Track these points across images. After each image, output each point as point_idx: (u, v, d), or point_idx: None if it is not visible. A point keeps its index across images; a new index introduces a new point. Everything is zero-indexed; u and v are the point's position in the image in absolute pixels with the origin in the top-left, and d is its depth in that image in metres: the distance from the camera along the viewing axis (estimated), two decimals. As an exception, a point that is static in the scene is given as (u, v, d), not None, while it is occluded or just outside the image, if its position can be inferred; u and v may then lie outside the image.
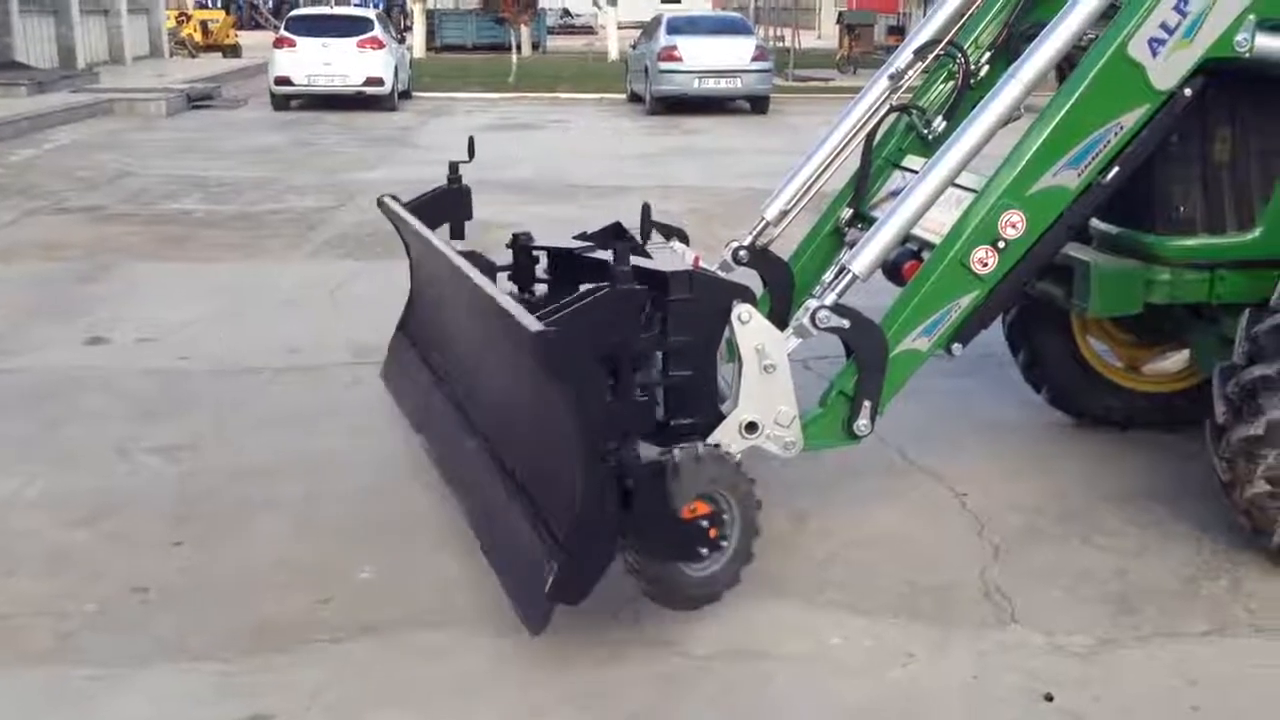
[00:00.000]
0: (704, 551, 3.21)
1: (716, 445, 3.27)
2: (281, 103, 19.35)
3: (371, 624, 3.40)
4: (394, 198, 4.71)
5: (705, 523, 3.19)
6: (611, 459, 3.04)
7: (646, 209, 4.02)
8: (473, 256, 4.01)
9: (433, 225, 4.52)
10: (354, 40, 19.30)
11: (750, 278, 4.22)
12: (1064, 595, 3.60)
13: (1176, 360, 4.91)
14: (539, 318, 2.99)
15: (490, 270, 4.14)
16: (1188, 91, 3.61)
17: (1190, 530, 3.99)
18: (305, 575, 3.69)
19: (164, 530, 4.01)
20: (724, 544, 3.26)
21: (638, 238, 4.23)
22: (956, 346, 3.70)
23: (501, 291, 3.40)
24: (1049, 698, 3.07)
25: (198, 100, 19.80)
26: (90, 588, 3.61)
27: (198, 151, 14.05)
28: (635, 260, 3.87)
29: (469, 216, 4.74)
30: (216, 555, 3.84)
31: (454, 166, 4.73)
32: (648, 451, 3.22)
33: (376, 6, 34.95)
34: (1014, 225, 3.58)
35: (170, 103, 18.54)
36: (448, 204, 4.71)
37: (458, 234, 4.65)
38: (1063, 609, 3.51)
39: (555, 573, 2.97)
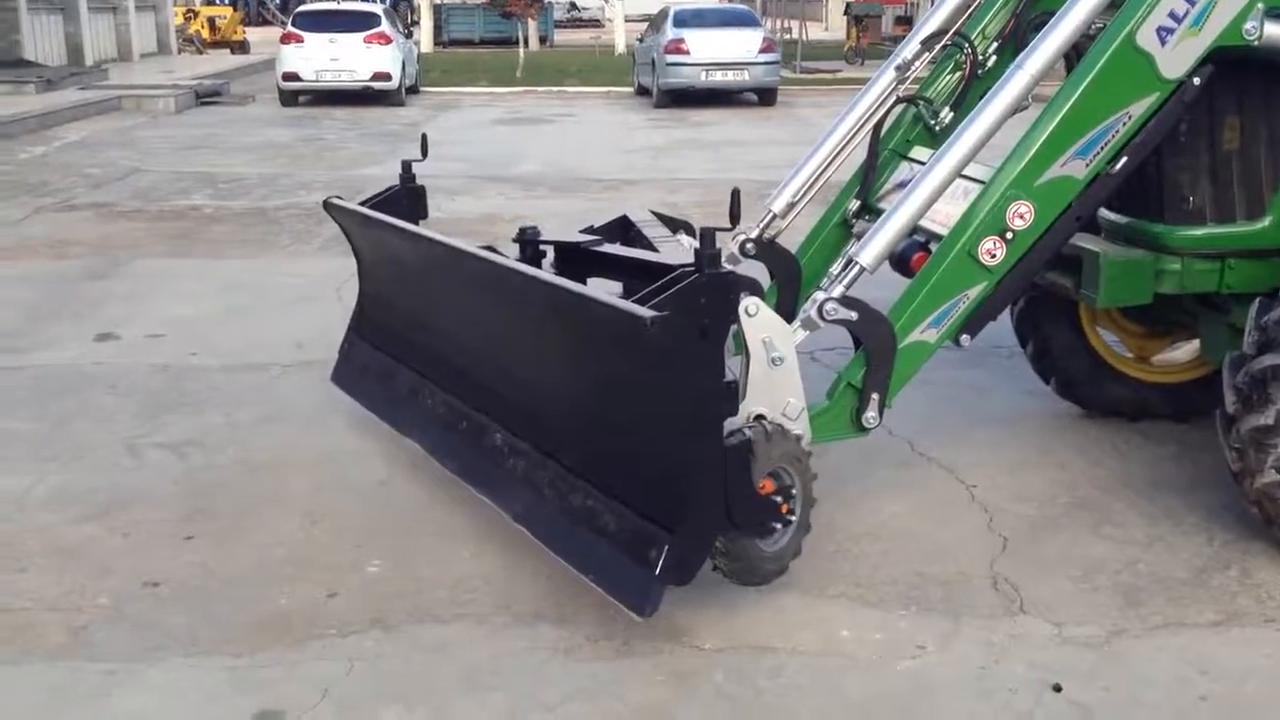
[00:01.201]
0: (778, 526, 3.27)
1: (774, 421, 3.29)
2: (289, 98, 19.37)
3: (380, 618, 3.41)
4: (339, 198, 4.65)
5: (778, 498, 3.25)
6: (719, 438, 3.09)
7: (736, 193, 3.97)
8: (489, 252, 3.99)
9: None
10: (361, 35, 19.31)
11: (757, 270, 4.23)
12: (1073, 586, 3.59)
13: (1186, 350, 4.89)
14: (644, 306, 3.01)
15: None
16: (1196, 80, 3.60)
17: (1200, 521, 3.98)
18: (314, 569, 3.70)
19: (174, 525, 4.02)
20: (792, 517, 3.32)
21: (643, 231, 4.23)
22: (965, 338, 3.69)
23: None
24: (1058, 688, 3.06)
25: (206, 97, 19.83)
26: (101, 583, 3.62)
27: (206, 148, 14.08)
28: (641, 253, 3.89)
29: (424, 215, 4.71)
30: (226, 550, 3.85)
31: (407, 165, 4.70)
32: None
33: (383, 2, 34.96)
34: (1022, 216, 3.57)
35: (178, 99, 18.58)
36: (402, 203, 4.63)
37: None
38: (1072, 600, 3.51)
39: (666, 553, 3.03)
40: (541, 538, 3.49)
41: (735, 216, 3.32)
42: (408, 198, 4.68)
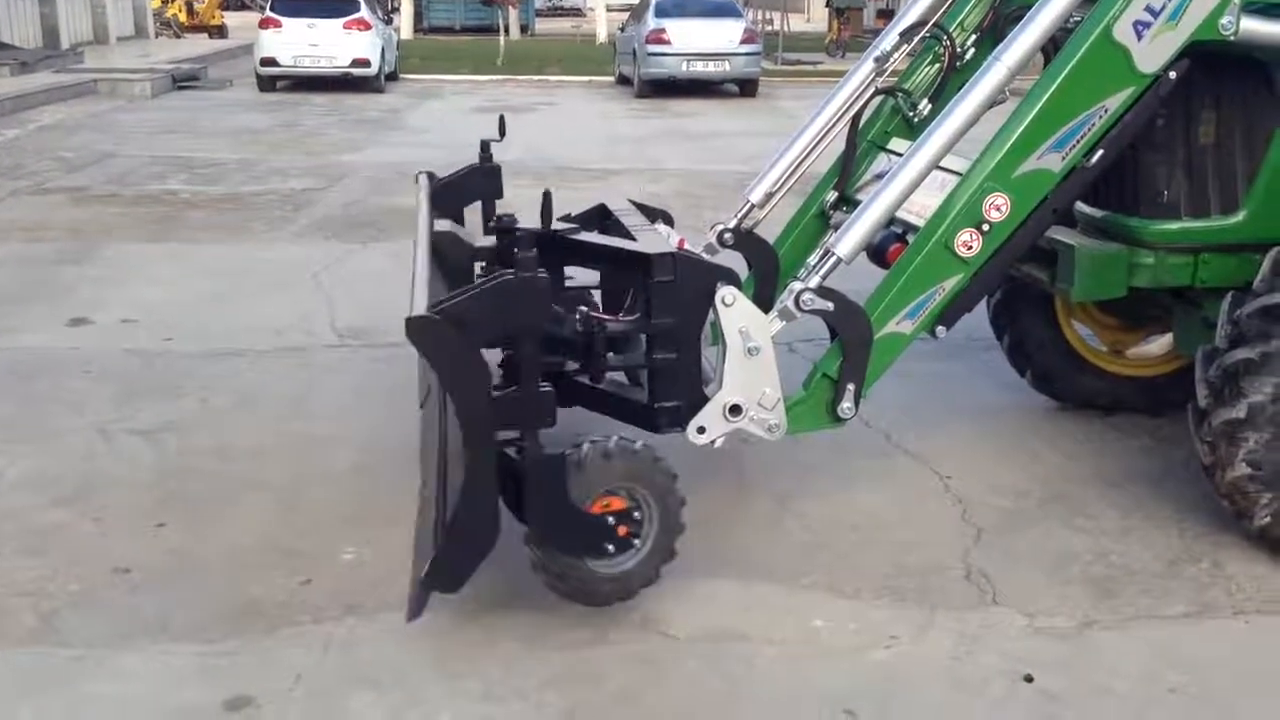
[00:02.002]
0: (610, 548, 3.18)
1: (631, 440, 3.21)
2: (267, 84, 19.24)
3: (355, 605, 3.40)
4: (430, 174, 4.68)
5: (612, 520, 3.16)
6: (500, 448, 3.00)
7: (547, 196, 3.92)
8: (450, 239, 3.97)
9: (463, 204, 4.49)
10: (340, 21, 19.18)
11: (735, 260, 4.22)
12: (1046, 577, 3.61)
13: (1160, 344, 4.93)
14: (439, 302, 2.95)
15: (469, 254, 4.11)
16: (1173, 74, 3.61)
17: (1172, 513, 4.01)
18: (288, 556, 3.68)
19: (147, 511, 4.00)
20: (636, 541, 3.22)
21: (622, 220, 4.22)
22: (941, 329, 3.70)
23: (426, 269, 3.33)
24: (1029, 679, 3.08)
25: (183, 81, 19.68)
26: (72, 568, 3.60)
27: (183, 132, 13.97)
28: (619, 242, 3.88)
29: (499, 195, 4.72)
30: (199, 536, 3.83)
31: (485, 145, 4.71)
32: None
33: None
34: (998, 208, 3.58)
35: (155, 83, 18.42)
36: (478, 183, 4.66)
37: (489, 214, 4.61)
38: (1044, 591, 3.53)
39: (432, 561, 2.93)
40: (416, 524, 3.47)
41: (547, 218, 3.19)
42: (484, 176, 4.68)
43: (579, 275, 4.10)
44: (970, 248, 3.59)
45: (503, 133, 4.69)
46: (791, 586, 3.55)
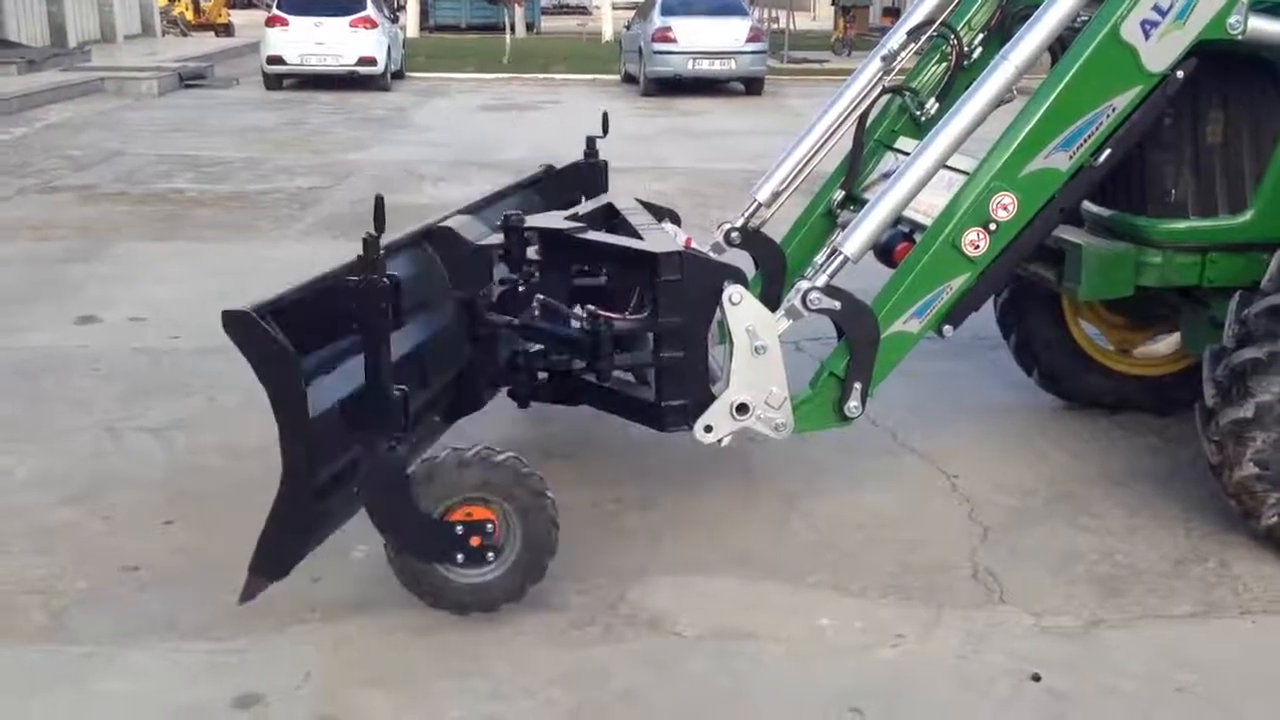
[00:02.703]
0: (459, 557, 3.17)
1: (498, 451, 3.20)
2: (274, 82, 19.26)
3: (363, 603, 3.41)
4: (550, 166, 4.81)
5: (461, 529, 3.15)
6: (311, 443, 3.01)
7: (379, 200, 3.89)
8: (447, 234, 3.94)
9: (570, 196, 4.63)
10: (347, 19, 19.19)
11: (742, 259, 4.22)
12: (1052, 577, 3.61)
13: (1167, 343, 4.92)
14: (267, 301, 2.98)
15: (468, 248, 4.09)
16: (1180, 74, 3.61)
17: (1179, 513, 4.01)
18: (296, 555, 3.69)
19: (155, 509, 4.01)
20: (490, 555, 3.19)
21: (628, 219, 4.22)
22: (948, 328, 3.71)
23: (327, 268, 3.33)
24: (1036, 678, 3.08)
25: (190, 79, 19.69)
26: (81, 566, 3.61)
27: (190, 131, 13.99)
28: (626, 241, 3.88)
29: (605, 189, 4.76)
30: (208, 534, 3.84)
31: (590, 142, 4.79)
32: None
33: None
34: (1005, 207, 3.58)
35: (162, 82, 18.45)
36: (584, 177, 4.84)
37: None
38: (1051, 590, 3.53)
39: (256, 549, 3.00)
40: None
41: (379, 225, 3.21)
42: (589, 172, 4.77)
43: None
44: (977, 247, 3.59)
45: (606, 130, 4.76)
46: (798, 585, 3.56)
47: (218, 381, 5.26)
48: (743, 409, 3.42)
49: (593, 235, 4.01)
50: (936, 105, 4.42)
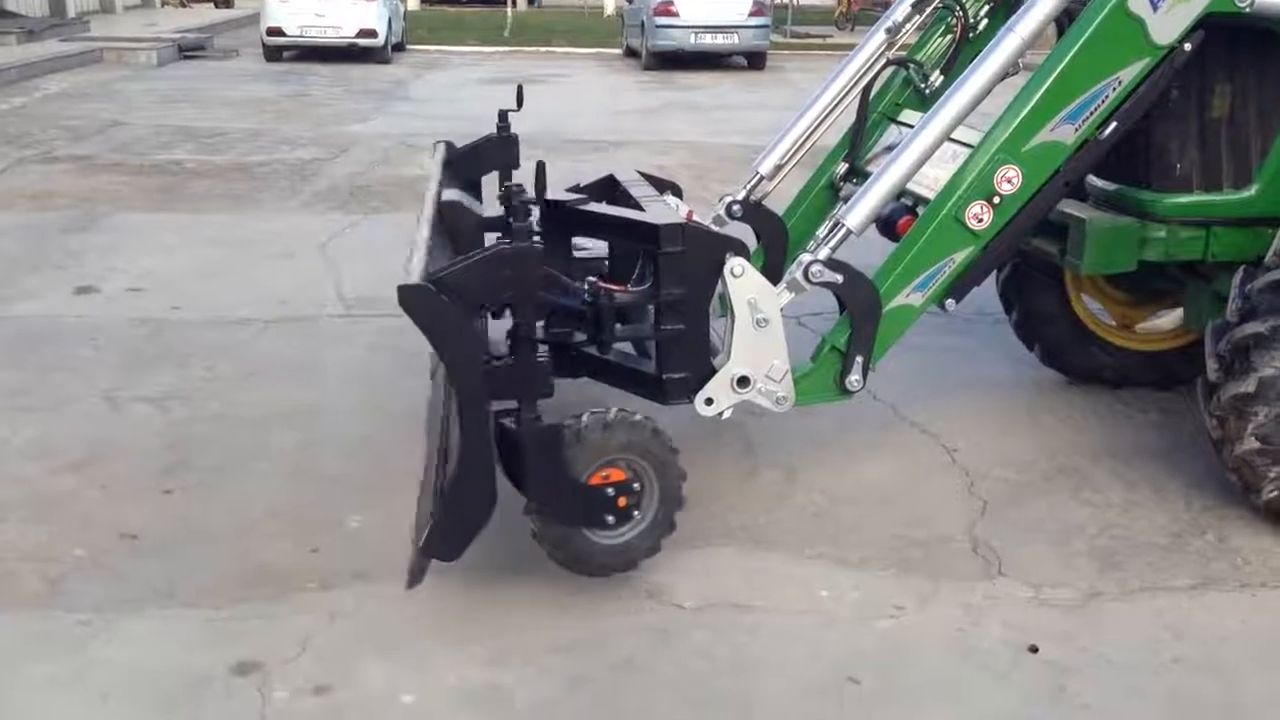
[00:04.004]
0: (610, 519, 3.18)
1: (634, 413, 3.21)
2: (274, 54, 19.15)
3: (361, 572, 3.41)
4: (448, 144, 4.67)
5: (612, 491, 3.15)
6: (498, 418, 3.00)
7: (541, 166, 3.89)
8: (457, 208, 3.96)
9: (480, 174, 4.48)
10: (347, -9, 19.06)
11: (744, 232, 4.21)
12: (1051, 550, 3.61)
13: (1170, 319, 4.91)
14: (435, 271, 2.94)
15: (476, 223, 4.09)
16: (1187, 46, 3.58)
17: (1179, 487, 4.01)
18: (295, 524, 3.69)
19: (154, 478, 4.01)
20: (636, 513, 3.22)
21: (630, 191, 4.20)
22: (950, 302, 3.69)
23: (426, 239, 3.33)
24: (1034, 649, 3.09)
25: (189, 50, 19.59)
26: (79, 534, 3.61)
27: (189, 102, 13.93)
28: (628, 213, 3.86)
29: (516, 166, 4.71)
30: (207, 503, 3.84)
31: (503, 115, 4.70)
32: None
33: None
34: (1010, 180, 3.56)
35: (161, 53, 18.35)
36: (495, 152, 4.65)
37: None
38: (1050, 563, 3.53)
39: (430, 530, 2.95)
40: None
41: (541, 187, 3.12)
42: (500, 146, 4.67)
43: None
44: (981, 220, 3.57)
45: (520, 103, 4.68)
46: (798, 557, 3.56)
47: (217, 352, 5.26)
48: (743, 382, 3.41)
49: (594, 206, 3.99)
50: (941, 78, 4.39)
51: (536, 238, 2.97)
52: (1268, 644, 3.16)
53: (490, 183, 4.48)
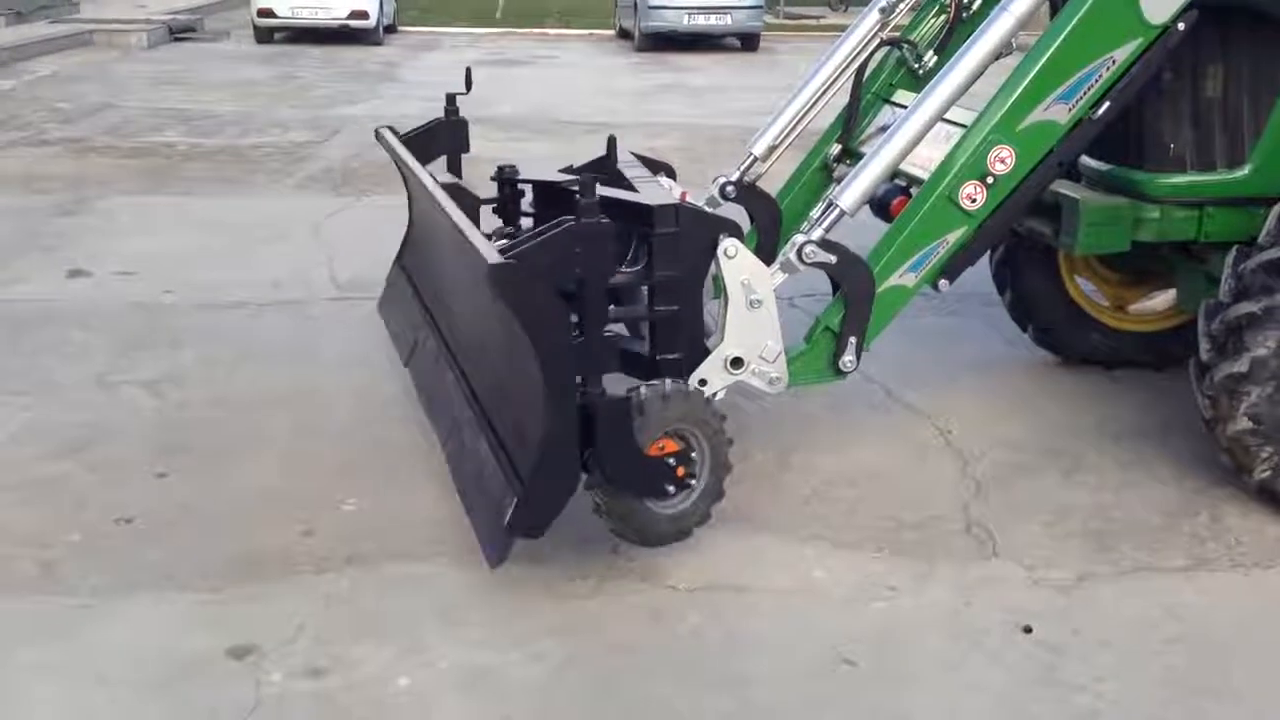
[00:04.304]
0: (671, 489, 3.22)
1: (685, 383, 3.26)
2: (264, 35, 19.05)
3: (356, 555, 3.41)
4: (391, 129, 4.64)
5: (672, 461, 3.20)
6: (577, 394, 3.03)
7: (612, 141, 3.93)
8: (456, 189, 3.97)
9: (428, 158, 4.46)
10: (338, -28, 18.94)
11: (737, 213, 4.19)
12: (1045, 530, 3.62)
13: (1163, 299, 4.91)
14: (506, 249, 2.96)
15: (474, 204, 4.10)
16: (1181, 26, 3.58)
17: (1172, 468, 4.02)
18: (290, 507, 3.69)
19: (148, 462, 4.00)
20: (692, 482, 3.26)
21: (624, 172, 4.19)
22: (943, 283, 3.69)
23: (474, 223, 3.36)
24: (1028, 630, 3.10)
25: (179, 32, 19.47)
26: (74, 518, 3.61)
27: (180, 84, 13.86)
28: (621, 194, 3.86)
29: (465, 149, 4.68)
30: (201, 487, 3.83)
31: (451, 99, 4.67)
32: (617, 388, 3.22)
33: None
34: (1003, 160, 3.56)
35: (151, 34, 18.24)
36: (444, 137, 4.63)
37: (454, 168, 4.59)
38: (1044, 544, 3.54)
39: (515, 506, 2.98)
40: (454, 477, 3.51)
41: (612, 165, 3.17)
42: (450, 130, 4.64)
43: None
44: (974, 200, 3.57)
45: (469, 86, 4.66)
46: (791, 538, 3.56)
47: (209, 335, 5.24)
48: (737, 363, 3.40)
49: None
50: (935, 58, 4.37)
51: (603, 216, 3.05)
52: (1260, 624, 3.17)
53: (436, 168, 4.46)
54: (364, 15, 18.90)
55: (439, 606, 3.18)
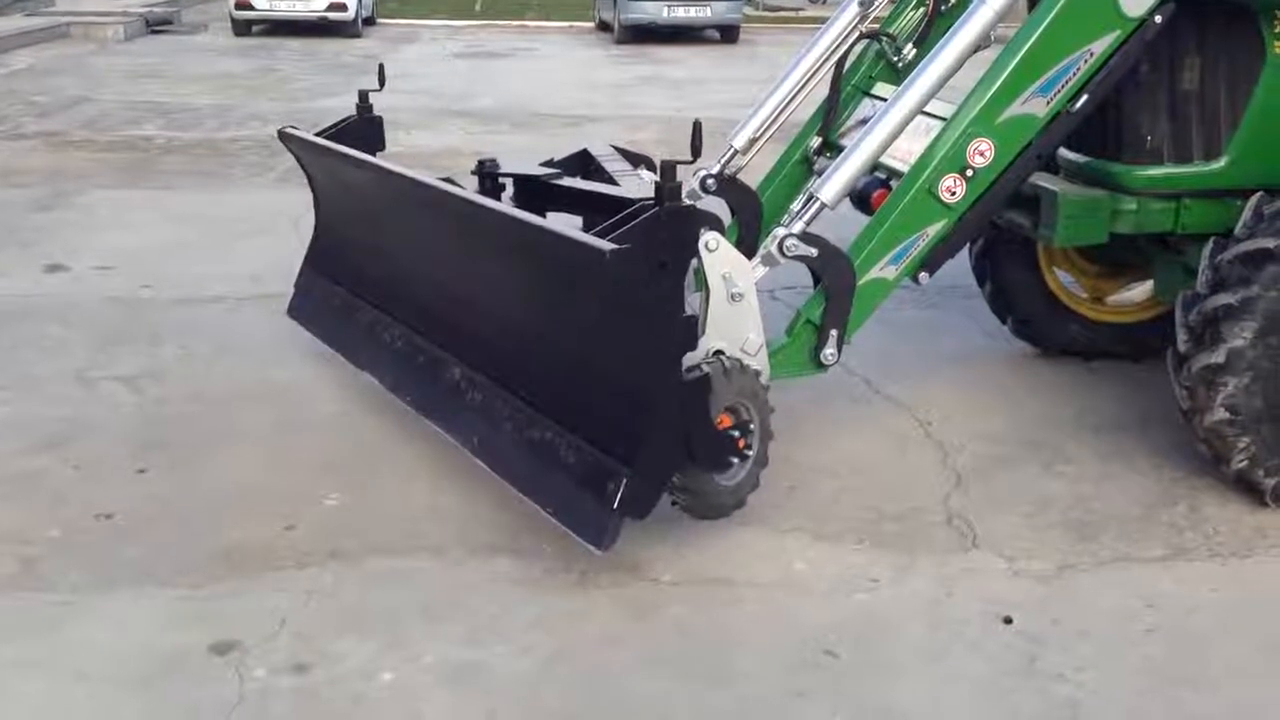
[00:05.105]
0: (734, 461, 3.29)
1: (728, 355, 3.31)
2: (242, 28, 18.94)
3: (338, 550, 3.41)
4: (294, 127, 4.60)
5: (736, 433, 3.26)
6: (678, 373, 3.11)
7: (697, 126, 3.94)
8: (448, 184, 3.94)
9: None
10: (316, -36, 18.85)
11: (718, 206, 4.21)
12: (1025, 522, 3.64)
13: (1141, 291, 4.94)
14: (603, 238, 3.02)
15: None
16: (1158, 19, 3.60)
17: (1151, 458, 4.05)
18: (271, 502, 3.68)
19: (128, 458, 3.98)
20: (749, 452, 3.33)
21: (604, 165, 4.20)
22: (924, 275, 3.71)
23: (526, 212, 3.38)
24: (1008, 620, 3.12)
25: (156, 25, 19.35)
26: (53, 514, 3.59)
27: (157, 77, 13.77)
28: (602, 187, 3.87)
29: (382, 147, 4.64)
30: (182, 482, 3.82)
31: (364, 95, 4.63)
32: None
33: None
34: (982, 153, 3.57)
35: (128, 27, 18.12)
36: (359, 134, 4.55)
37: None
38: (1023, 535, 3.56)
39: (624, 488, 3.04)
40: (500, 471, 3.49)
41: (697, 149, 3.35)
42: (364, 128, 4.60)
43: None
44: (954, 193, 3.59)
45: (382, 83, 4.62)
46: (773, 531, 3.58)
47: (189, 330, 5.22)
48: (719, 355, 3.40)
49: (567, 180, 3.98)
50: (914, 51, 4.38)
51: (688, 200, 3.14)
52: (1238, 613, 3.20)
53: None
54: (342, 7, 18.81)
55: (422, 601, 3.18)
